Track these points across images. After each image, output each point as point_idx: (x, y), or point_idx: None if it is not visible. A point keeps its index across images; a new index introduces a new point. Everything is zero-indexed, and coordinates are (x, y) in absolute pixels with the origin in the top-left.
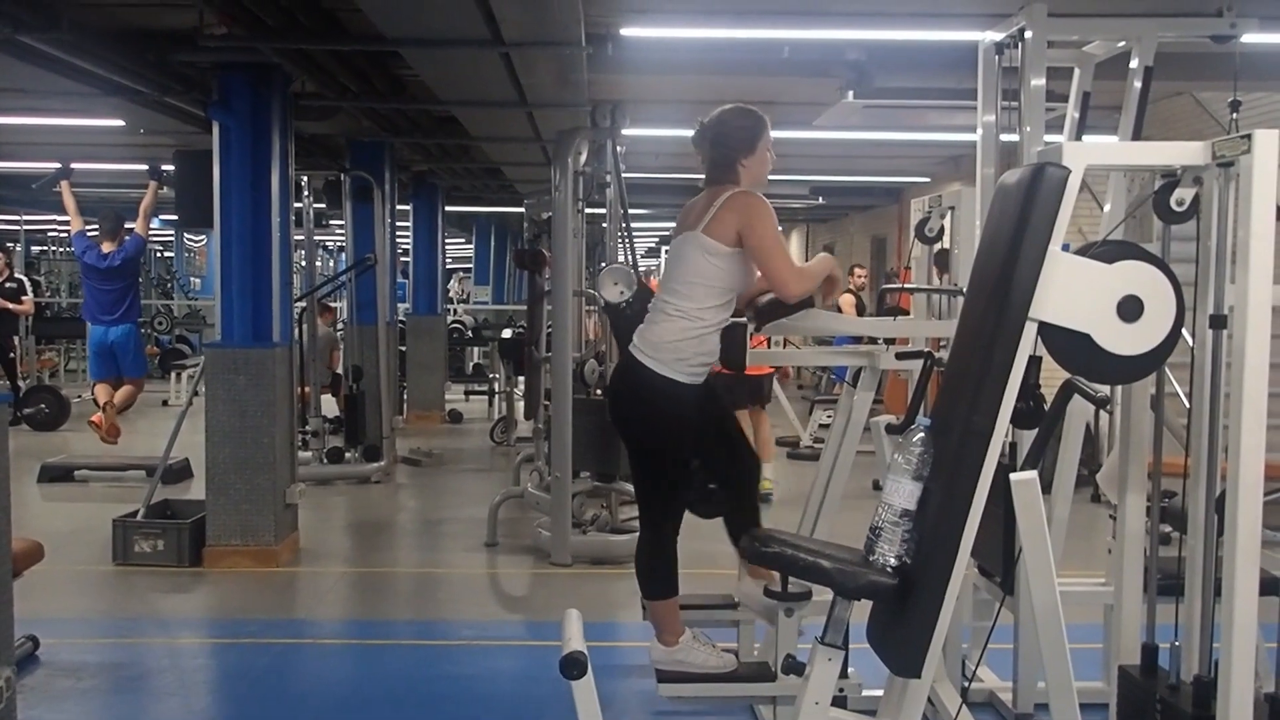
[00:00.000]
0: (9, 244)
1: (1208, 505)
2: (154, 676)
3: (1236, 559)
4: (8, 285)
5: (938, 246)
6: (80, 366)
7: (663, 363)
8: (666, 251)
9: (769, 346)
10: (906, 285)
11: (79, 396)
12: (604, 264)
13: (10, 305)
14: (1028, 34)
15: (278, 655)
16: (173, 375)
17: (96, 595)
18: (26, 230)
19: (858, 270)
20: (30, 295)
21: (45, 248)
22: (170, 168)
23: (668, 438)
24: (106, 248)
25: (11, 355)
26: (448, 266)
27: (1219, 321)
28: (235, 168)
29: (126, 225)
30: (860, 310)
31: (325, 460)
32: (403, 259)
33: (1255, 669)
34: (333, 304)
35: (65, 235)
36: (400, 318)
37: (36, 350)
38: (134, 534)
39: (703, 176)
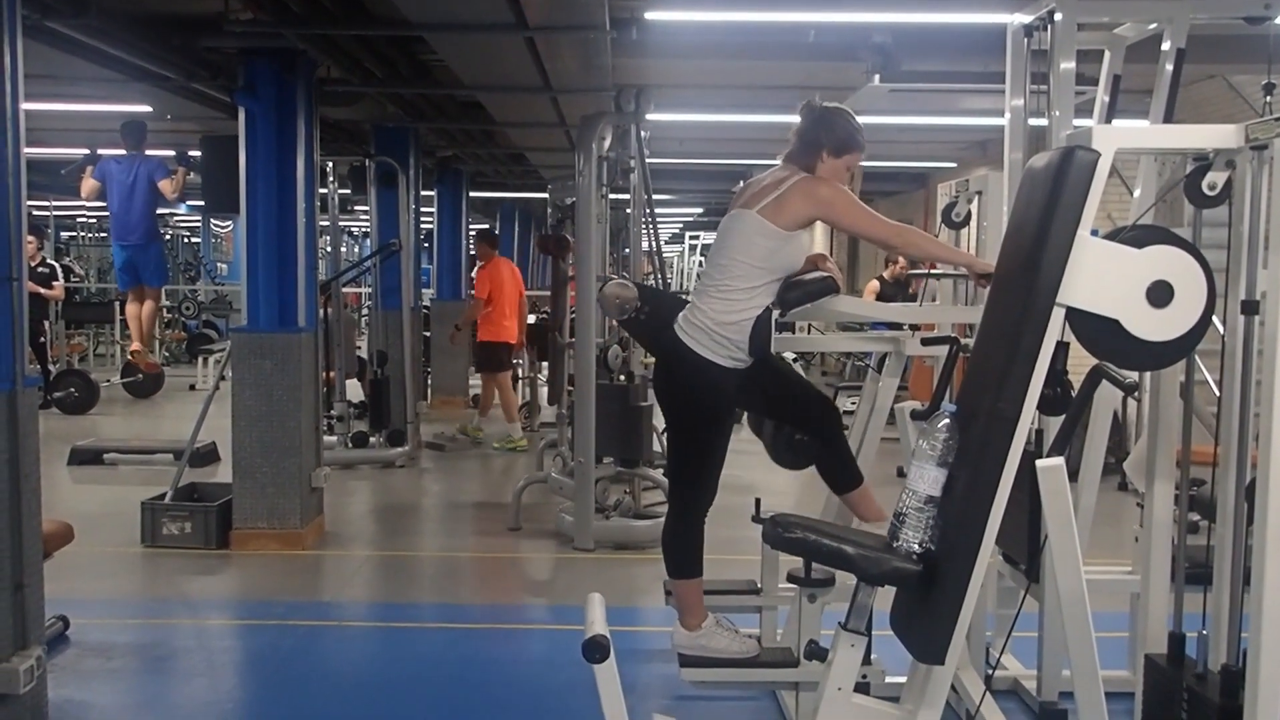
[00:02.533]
0: (44, 227)
1: (1238, 493)
2: (182, 657)
3: (1267, 547)
4: (39, 270)
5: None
6: (109, 351)
7: (705, 346)
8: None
9: (794, 331)
10: (932, 271)
11: (108, 381)
12: (628, 249)
13: (42, 290)
14: (1057, 16)
15: (303, 637)
16: (199, 360)
17: (125, 576)
18: (56, 216)
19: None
20: (61, 281)
21: (75, 233)
22: (197, 153)
23: (701, 417)
24: (128, 151)
25: (42, 340)
26: (471, 252)
27: (1251, 307)
28: (261, 153)
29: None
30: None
31: (350, 445)
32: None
33: None
34: (357, 289)
35: (94, 221)
36: (424, 303)
37: (66, 335)
38: (162, 516)
39: (729, 161)
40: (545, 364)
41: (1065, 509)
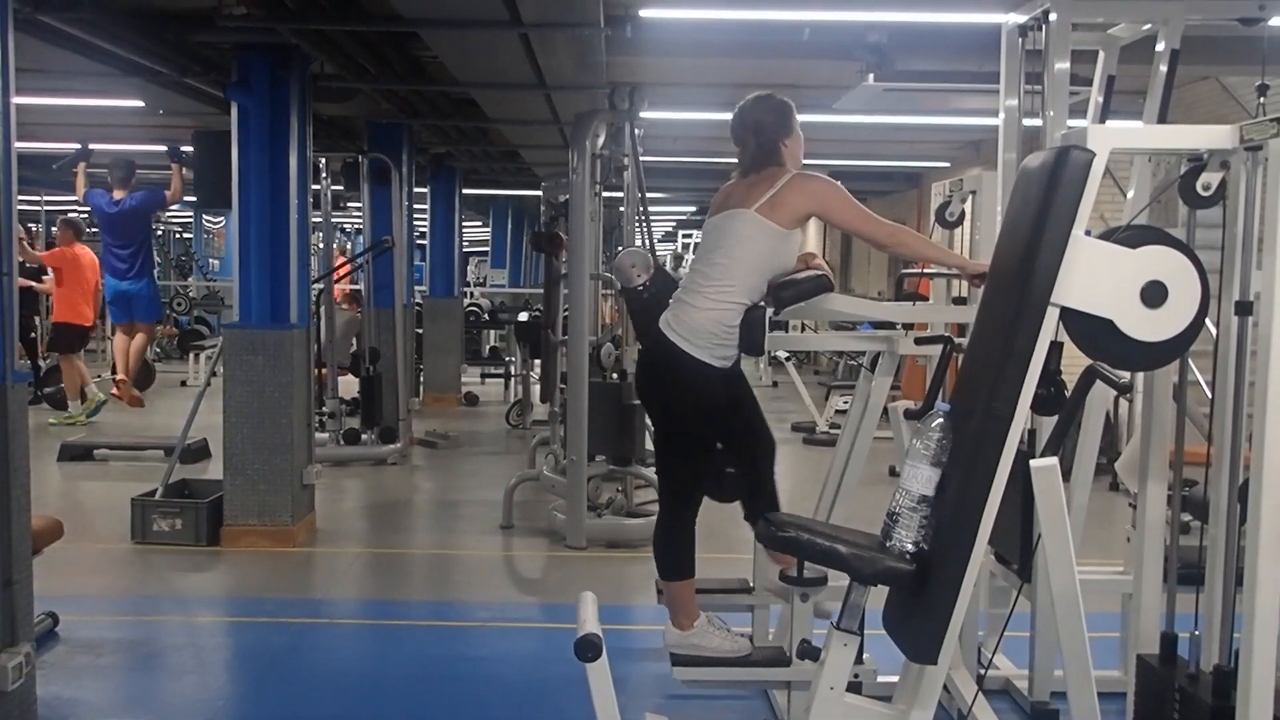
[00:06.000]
0: (30, 225)
1: (1230, 494)
2: (172, 654)
3: (1259, 548)
4: (29, 265)
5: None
6: (99, 348)
7: (696, 345)
8: (701, 231)
9: (787, 330)
10: (926, 270)
11: (99, 376)
12: (621, 248)
13: (33, 285)
14: (1052, 16)
15: (294, 634)
16: (191, 356)
17: (115, 573)
18: (47, 211)
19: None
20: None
21: None
22: (189, 149)
23: (695, 419)
24: (118, 195)
25: (32, 335)
26: (464, 250)
27: (1244, 308)
28: (254, 149)
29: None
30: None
31: (342, 442)
32: (420, 241)
33: (1276, 659)
34: (354, 286)
35: (85, 216)
36: (417, 300)
37: None
38: (152, 513)
39: (723, 160)
40: (538, 361)
41: (1059, 509)
